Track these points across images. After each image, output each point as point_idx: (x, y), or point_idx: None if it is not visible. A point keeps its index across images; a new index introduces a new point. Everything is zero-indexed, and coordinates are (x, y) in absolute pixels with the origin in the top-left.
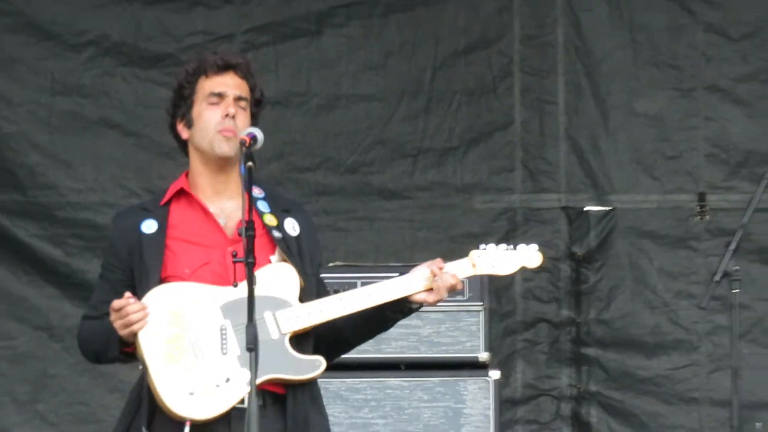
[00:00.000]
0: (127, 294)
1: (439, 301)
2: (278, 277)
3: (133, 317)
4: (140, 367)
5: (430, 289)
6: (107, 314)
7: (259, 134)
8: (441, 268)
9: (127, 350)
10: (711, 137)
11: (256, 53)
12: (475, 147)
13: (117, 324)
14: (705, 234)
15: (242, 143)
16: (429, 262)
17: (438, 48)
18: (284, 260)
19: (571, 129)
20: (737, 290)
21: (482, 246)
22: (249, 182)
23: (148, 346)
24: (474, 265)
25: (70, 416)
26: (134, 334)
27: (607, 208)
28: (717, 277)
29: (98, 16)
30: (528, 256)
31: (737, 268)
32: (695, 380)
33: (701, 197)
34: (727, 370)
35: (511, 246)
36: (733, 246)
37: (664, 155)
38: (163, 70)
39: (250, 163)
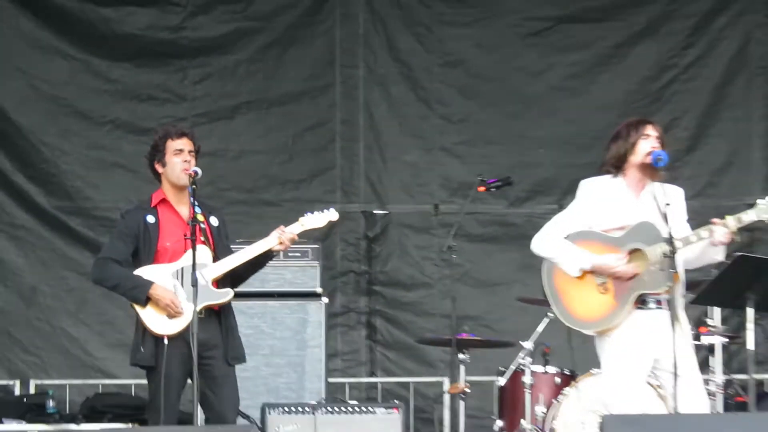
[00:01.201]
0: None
1: (286, 248)
2: (201, 251)
3: (175, 310)
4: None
5: (281, 243)
6: (127, 264)
7: (199, 171)
8: (282, 231)
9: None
10: (442, 174)
11: (199, 128)
12: (315, 179)
13: (164, 303)
14: (438, 226)
15: (189, 176)
16: (277, 229)
17: (295, 126)
18: (206, 241)
19: (368, 169)
20: (455, 255)
21: (307, 213)
22: (193, 197)
23: None
24: (302, 225)
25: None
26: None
27: (386, 212)
28: (444, 248)
29: (112, 108)
30: (330, 214)
31: (455, 243)
32: (432, 304)
33: (436, 207)
34: (449, 299)
35: (322, 210)
36: (452, 233)
37: (416, 183)
38: (149, 136)
39: (194, 186)
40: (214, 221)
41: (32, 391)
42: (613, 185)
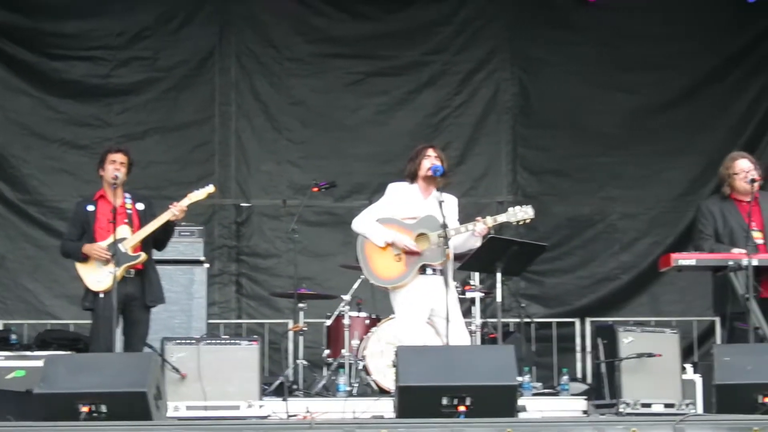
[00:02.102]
0: (103, 245)
1: (180, 217)
2: (123, 229)
3: (103, 254)
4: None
5: (175, 214)
6: (78, 242)
7: (119, 175)
8: (175, 205)
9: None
10: (289, 179)
11: (129, 144)
12: (201, 181)
13: (95, 253)
14: (285, 215)
15: (112, 179)
16: (171, 204)
17: (187, 145)
18: (129, 222)
19: (237, 175)
20: (297, 235)
21: (194, 190)
22: (122, 192)
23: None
24: (189, 198)
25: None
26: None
27: (249, 205)
28: (290, 231)
29: (60, 131)
30: (209, 188)
31: (297, 227)
32: (281, 268)
33: (284, 202)
34: (293, 265)
35: (199, 189)
36: (295, 220)
37: (271, 185)
38: (86, 150)
39: (115, 185)
40: (140, 206)
41: (0, 327)
42: (409, 189)
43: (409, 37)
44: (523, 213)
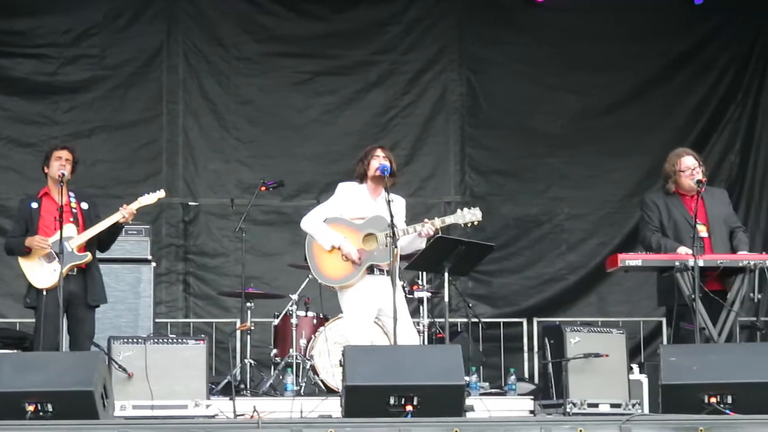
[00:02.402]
0: (43, 238)
1: (129, 220)
2: (68, 228)
3: (45, 245)
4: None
5: (124, 217)
6: (21, 237)
7: (65, 173)
8: (125, 208)
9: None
10: (237, 178)
11: (76, 142)
12: (148, 180)
13: (36, 244)
14: (233, 214)
15: (59, 176)
16: (121, 207)
17: (134, 144)
18: (75, 221)
19: (185, 174)
20: (245, 234)
21: (145, 194)
22: (66, 190)
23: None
24: (139, 202)
25: None
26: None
27: (197, 203)
28: (237, 230)
29: (7, 128)
30: (159, 193)
31: (244, 226)
32: (229, 268)
33: (232, 201)
34: (240, 264)
35: (146, 194)
36: (243, 218)
37: (218, 184)
38: (32, 148)
39: (62, 183)
40: (84, 205)
41: None
42: (359, 189)
43: (358, 37)
44: (471, 215)
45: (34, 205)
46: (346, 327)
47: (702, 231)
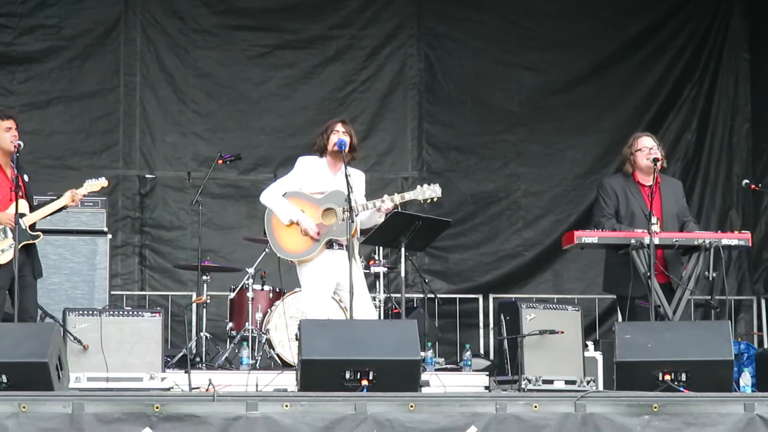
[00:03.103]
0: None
1: (77, 204)
2: (21, 204)
3: (8, 222)
4: None
5: (72, 200)
6: None
7: (22, 144)
8: (74, 193)
9: None
10: (194, 151)
11: (23, 114)
12: (105, 152)
13: (6, 221)
14: (190, 187)
15: (15, 147)
16: (69, 191)
17: (90, 115)
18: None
19: (141, 146)
20: (201, 208)
21: (89, 180)
22: (16, 162)
23: None
24: (85, 188)
25: None
26: None
27: (153, 176)
28: (194, 203)
29: None
30: (102, 182)
31: (201, 199)
32: (185, 241)
33: (188, 174)
34: (197, 237)
35: (98, 179)
36: (199, 192)
37: (175, 157)
38: None
39: (18, 154)
40: (26, 178)
41: None
42: (319, 163)
43: (316, 11)
44: (431, 191)
45: None
46: (304, 301)
47: (655, 225)
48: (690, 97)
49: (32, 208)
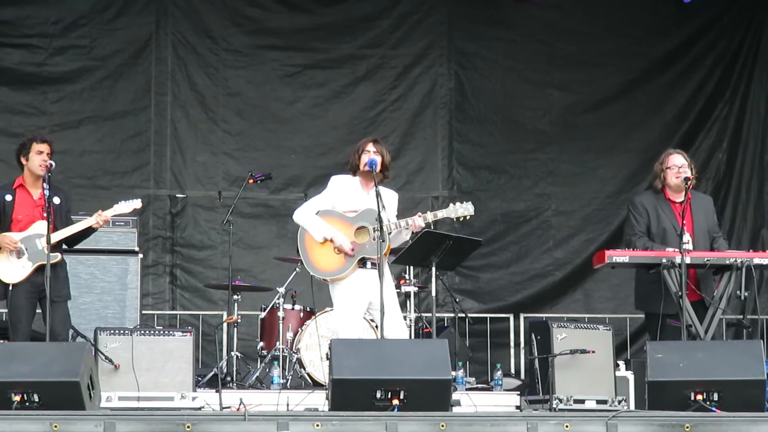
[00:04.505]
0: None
1: (103, 226)
2: (41, 225)
3: (13, 246)
4: None
5: (98, 222)
6: None
7: (53, 164)
8: (100, 215)
9: None
10: (224, 170)
11: (55, 134)
12: (136, 172)
13: (5, 244)
14: (221, 206)
15: (46, 167)
16: (96, 213)
17: (122, 135)
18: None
19: (172, 166)
20: (232, 227)
21: (120, 201)
22: (49, 184)
23: None
24: (115, 210)
25: None
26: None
27: (184, 195)
28: (224, 222)
29: None
30: (135, 203)
31: (232, 219)
32: (216, 260)
33: (219, 193)
34: (227, 257)
35: (129, 200)
36: (230, 211)
37: (206, 177)
38: (20, 138)
39: (49, 174)
40: (56, 200)
41: None
42: (351, 182)
43: (346, 31)
44: (463, 210)
45: (9, 197)
46: (336, 320)
47: (687, 243)
48: (721, 116)
49: (56, 230)
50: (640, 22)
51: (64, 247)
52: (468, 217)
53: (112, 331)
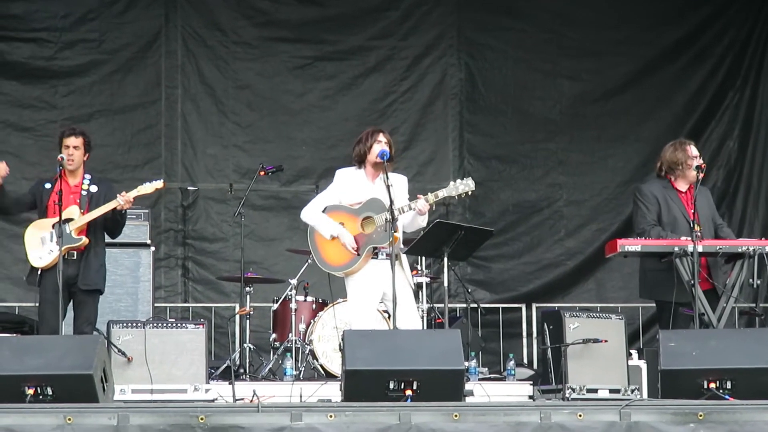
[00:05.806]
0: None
1: (127, 207)
2: (72, 210)
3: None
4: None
5: (121, 204)
6: (19, 198)
7: (65, 157)
8: (123, 195)
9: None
10: (235, 163)
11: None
12: (147, 165)
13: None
14: (232, 199)
15: (58, 161)
16: (120, 194)
17: (132, 128)
18: (81, 203)
19: (183, 158)
20: (243, 219)
21: (145, 182)
22: (84, 173)
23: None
24: (138, 190)
25: None
26: None
27: (196, 188)
28: (236, 214)
29: (4, 113)
30: (157, 183)
31: (243, 211)
32: (228, 252)
33: (230, 186)
34: (239, 249)
35: (151, 181)
36: (241, 203)
37: (217, 169)
38: (30, 132)
39: (61, 167)
40: (93, 189)
41: None
42: (356, 174)
43: (356, 22)
44: (464, 186)
45: (47, 185)
46: (350, 312)
47: (697, 230)
48: (732, 105)
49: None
50: (649, 11)
51: (108, 240)
52: (469, 193)
53: (124, 324)
